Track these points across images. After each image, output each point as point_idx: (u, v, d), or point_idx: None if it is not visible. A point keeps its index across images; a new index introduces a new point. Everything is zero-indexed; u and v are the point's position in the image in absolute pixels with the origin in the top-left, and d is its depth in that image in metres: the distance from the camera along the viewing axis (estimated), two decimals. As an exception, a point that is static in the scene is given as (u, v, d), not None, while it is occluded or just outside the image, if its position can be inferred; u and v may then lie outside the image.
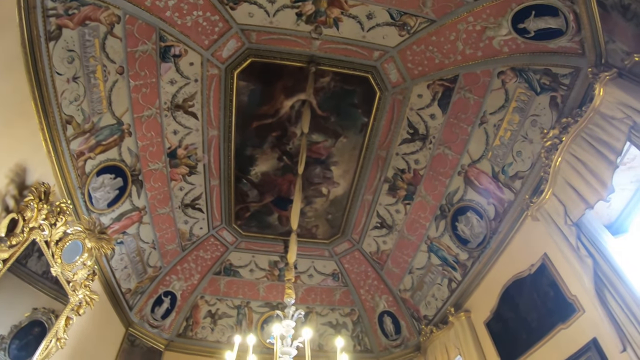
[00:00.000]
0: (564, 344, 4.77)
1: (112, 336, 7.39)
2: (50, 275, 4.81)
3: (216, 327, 8.66)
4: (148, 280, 7.76)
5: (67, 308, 5.17)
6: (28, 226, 4.24)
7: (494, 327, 6.11)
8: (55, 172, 4.85)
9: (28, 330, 4.71)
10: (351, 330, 8.91)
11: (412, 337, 8.36)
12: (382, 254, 8.30)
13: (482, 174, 6.13)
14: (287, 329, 4.41)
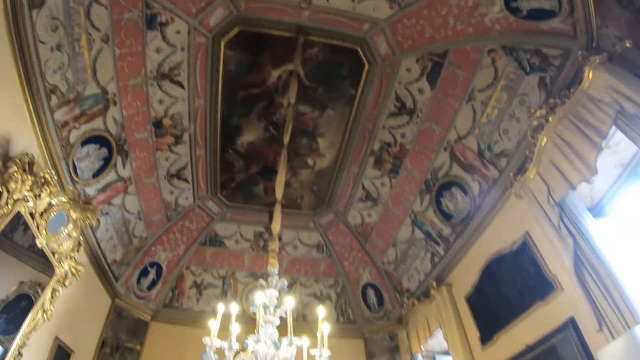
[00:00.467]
0: (542, 321, 4.89)
1: (99, 308, 7.41)
2: (37, 248, 4.78)
3: (202, 297, 8.75)
4: (134, 251, 7.75)
5: (53, 280, 5.16)
6: (13, 198, 4.17)
7: (475, 301, 6.26)
8: (40, 143, 4.74)
9: (15, 304, 4.70)
10: (335, 301, 9.07)
11: (395, 309, 8.55)
12: (366, 227, 8.39)
13: (468, 150, 6.16)
14: (271, 299, 4.44)
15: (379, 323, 8.76)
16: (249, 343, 4.12)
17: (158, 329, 8.32)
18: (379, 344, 8.68)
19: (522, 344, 5.15)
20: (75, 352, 6.39)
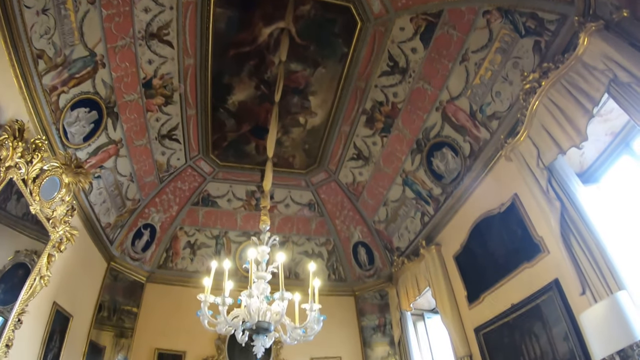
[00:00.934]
0: (527, 282, 5.05)
1: (95, 271, 7.50)
2: (31, 216, 4.79)
3: (195, 257, 8.88)
4: (127, 214, 7.78)
5: (48, 245, 5.18)
6: (4, 165, 4.15)
7: (463, 261, 6.43)
8: (29, 108, 4.66)
9: (12, 274, 4.73)
10: (326, 259, 9.26)
11: (385, 267, 8.77)
12: (357, 185, 8.47)
13: (460, 111, 6.16)
14: (262, 255, 4.58)
15: (369, 281, 9.01)
16: (242, 298, 4.24)
17: (153, 290, 8.48)
18: (369, 302, 8.95)
19: (508, 303, 5.35)
20: (73, 316, 6.51)
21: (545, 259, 4.83)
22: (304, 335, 4.50)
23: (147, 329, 8.08)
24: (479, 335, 5.89)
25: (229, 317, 4.22)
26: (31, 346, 5.48)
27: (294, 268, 8.99)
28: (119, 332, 7.78)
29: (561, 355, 4.46)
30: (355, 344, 8.66)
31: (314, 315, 4.32)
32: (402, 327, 7.58)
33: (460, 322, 6.28)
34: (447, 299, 6.50)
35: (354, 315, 8.93)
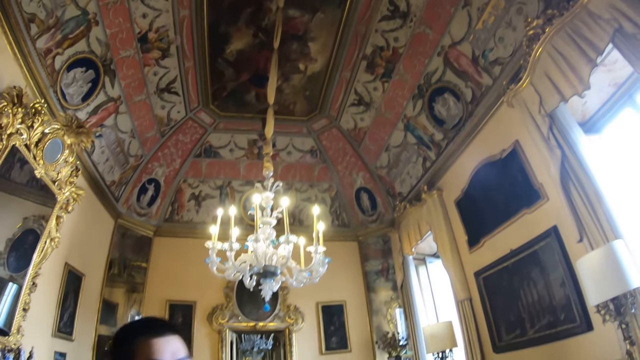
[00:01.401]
0: (526, 228, 5.14)
1: (103, 229, 7.67)
2: (35, 183, 4.85)
3: (201, 208, 9.03)
4: (131, 170, 7.83)
5: (56, 207, 5.28)
6: (6, 133, 4.17)
7: (464, 206, 6.50)
8: (25, 73, 4.61)
9: (23, 241, 4.84)
10: (329, 205, 9.39)
11: (387, 212, 8.90)
12: (359, 131, 8.45)
13: (462, 56, 6.04)
14: (267, 200, 4.66)
15: (372, 226, 9.18)
16: (248, 244, 4.38)
17: (161, 244, 8.72)
18: (373, 247, 9.18)
19: (507, 248, 5.47)
20: (85, 275, 6.74)
21: (545, 205, 4.89)
22: (310, 278, 4.65)
23: (157, 282, 8.39)
24: (478, 279, 6.08)
25: (236, 262, 4.35)
26: (47, 307, 5.72)
27: (298, 215, 9.15)
28: (130, 287, 8.08)
29: (557, 300, 4.62)
30: (359, 289, 8.97)
31: (318, 258, 4.44)
32: (404, 271, 7.78)
33: (461, 266, 6.45)
34: (448, 243, 6.63)
35: (358, 260, 9.20)
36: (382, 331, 8.50)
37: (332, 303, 8.81)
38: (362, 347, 8.53)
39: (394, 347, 8.10)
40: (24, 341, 4.82)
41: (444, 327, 6.29)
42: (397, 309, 8.52)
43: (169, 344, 1.18)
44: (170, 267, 8.51)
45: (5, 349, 4.48)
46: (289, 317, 8.59)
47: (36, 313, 5.18)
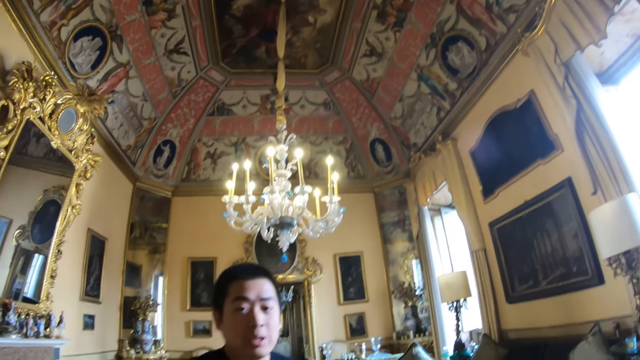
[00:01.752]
0: (541, 179, 5.09)
1: (122, 193, 7.88)
2: (52, 154, 4.97)
3: (217, 166, 9.16)
4: (145, 133, 7.91)
5: (74, 175, 5.42)
6: (19, 108, 4.24)
7: (478, 156, 6.44)
8: (32, 48, 4.63)
9: (45, 212, 5.01)
10: (345, 157, 9.40)
11: (402, 163, 8.89)
12: (372, 82, 8.31)
13: (475, 3, 5.80)
14: (281, 153, 4.70)
15: (387, 177, 9.21)
16: (264, 196, 4.47)
17: (180, 203, 8.94)
18: (389, 198, 9.24)
19: (521, 199, 5.45)
20: (108, 239, 7.01)
21: (560, 156, 4.83)
22: (326, 228, 4.72)
23: (178, 241, 8.66)
24: (493, 230, 6.11)
25: (253, 214, 4.45)
26: (74, 273, 6.00)
27: (314, 168, 9.20)
28: (152, 248, 8.36)
29: (570, 252, 4.65)
30: (376, 240, 9.14)
31: (333, 207, 4.48)
32: (420, 222, 7.85)
33: (476, 217, 6.47)
34: (462, 193, 6.63)
35: (374, 211, 9.32)
36: (398, 281, 8.70)
37: (349, 254, 9.01)
38: (379, 297, 8.79)
39: (410, 297, 8.31)
40: (53, 307, 5.08)
41: (459, 276, 6.39)
42: (413, 260, 8.68)
43: (256, 285, 1.35)
44: (190, 226, 8.74)
45: (36, 316, 4.72)
46: (308, 269, 8.82)
47: (63, 279, 5.44)
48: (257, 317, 1.30)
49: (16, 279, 4.56)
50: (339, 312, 8.70)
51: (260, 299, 1.34)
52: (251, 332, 1.29)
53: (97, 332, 6.58)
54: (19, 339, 4.26)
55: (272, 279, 1.43)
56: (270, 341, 1.33)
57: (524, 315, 5.59)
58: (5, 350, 4.05)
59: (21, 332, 4.38)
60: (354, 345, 8.11)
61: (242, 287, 1.34)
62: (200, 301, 8.50)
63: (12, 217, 4.47)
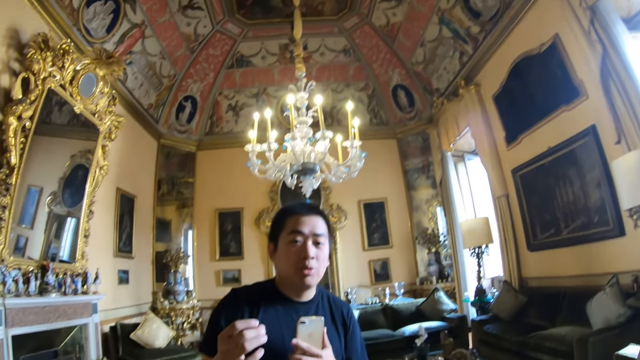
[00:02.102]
0: (565, 126, 4.99)
1: (147, 151, 8.08)
2: (76, 120, 5.09)
3: (239, 118, 9.20)
4: (166, 91, 7.95)
5: (99, 137, 5.58)
6: (40, 78, 4.33)
7: (502, 101, 6.29)
8: (46, 19, 4.66)
9: (74, 177, 5.21)
10: (367, 104, 9.28)
11: (425, 109, 8.73)
12: (392, 27, 8.05)
13: (496, -58, 5.54)
14: (301, 100, 4.69)
15: (410, 123, 9.10)
16: (286, 143, 4.53)
17: (205, 157, 9.10)
18: (412, 145, 9.17)
19: (544, 146, 5.38)
20: (137, 197, 7.28)
21: (584, 103, 4.71)
22: (348, 173, 4.77)
23: (205, 194, 8.89)
24: (515, 177, 6.07)
25: (276, 162, 4.55)
26: (106, 231, 6.31)
27: (335, 115, 9.16)
28: (180, 203, 8.63)
29: (592, 201, 4.63)
30: (399, 187, 9.17)
31: (355, 152, 4.50)
32: (443, 168, 7.82)
33: (499, 163, 6.42)
34: (485, 139, 6.55)
35: (398, 158, 9.29)
36: (422, 227, 8.80)
37: (374, 201, 9.10)
38: (403, 243, 8.94)
39: (433, 243, 8.43)
40: (89, 265, 5.40)
41: (481, 222, 6.43)
42: (437, 207, 8.72)
43: (310, 221, 1.43)
44: (216, 179, 8.94)
45: (73, 274, 5.03)
46: (332, 215, 8.95)
47: (97, 238, 5.74)
48: (309, 249, 1.39)
49: (51, 243, 4.82)
50: (364, 258, 8.90)
51: (313, 234, 1.42)
52: (302, 262, 1.38)
53: (132, 285, 6.99)
54: (59, 297, 4.57)
55: (326, 219, 1.50)
56: (318, 273, 1.42)
57: (544, 263, 5.66)
58: (46, 308, 4.36)
59: (60, 290, 4.69)
60: (378, 290, 8.33)
61: (298, 222, 1.42)
62: (228, 251, 8.84)
63: (43, 185, 4.67)
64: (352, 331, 1.53)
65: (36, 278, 4.34)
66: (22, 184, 4.18)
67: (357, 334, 1.55)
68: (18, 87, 4.10)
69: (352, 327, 1.54)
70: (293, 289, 1.45)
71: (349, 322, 1.53)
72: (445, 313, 6.45)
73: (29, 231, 4.46)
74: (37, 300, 4.23)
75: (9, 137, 3.99)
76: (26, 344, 4.26)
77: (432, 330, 5.41)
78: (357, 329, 1.56)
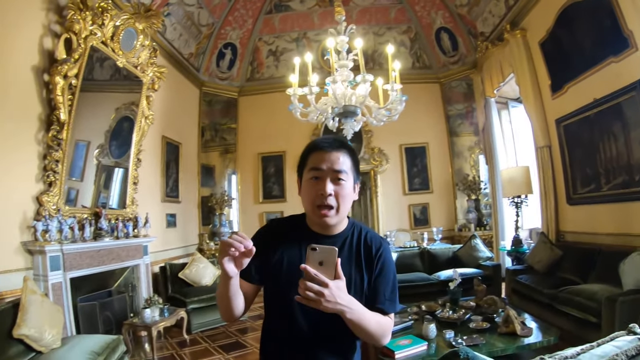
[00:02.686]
0: (612, 78, 4.75)
1: (190, 99, 8.29)
2: (118, 74, 5.27)
3: (279, 63, 9.18)
4: (205, 39, 7.99)
5: (143, 89, 5.79)
6: (81, 37, 4.47)
7: (548, 48, 5.99)
8: (81, -20, 4.74)
9: (119, 129, 5.47)
10: (409, 48, 9.00)
11: (469, 53, 8.39)
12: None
13: None
14: (341, 44, 4.69)
15: (453, 67, 8.81)
16: (327, 87, 4.61)
17: (246, 103, 9.25)
18: (455, 90, 8.94)
19: (590, 97, 5.15)
20: (182, 144, 7.58)
21: (633, 55, 4.44)
22: (389, 116, 4.83)
23: (247, 139, 9.13)
24: (559, 127, 5.89)
25: (317, 105, 4.64)
26: (154, 177, 6.69)
27: (377, 59, 8.98)
28: (223, 149, 8.93)
29: (635, 159, 4.48)
30: (441, 132, 9.05)
31: (395, 95, 4.53)
32: (486, 114, 7.65)
33: (543, 112, 6.22)
34: (530, 86, 6.31)
35: (440, 103, 9.11)
36: (462, 174, 8.75)
37: (415, 145, 9.05)
38: (443, 189, 8.95)
39: (473, 190, 8.37)
40: (139, 210, 5.79)
41: (522, 171, 6.33)
42: (479, 154, 8.59)
43: (331, 157, 1.39)
44: (258, 123, 9.13)
45: (124, 219, 5.41)
46: (374, 159, 9.01)
47: (145, 184, 6.12)
48: (326, 186, 1.36)
49: (100, 193, 5.17)
50: (404, 202, 9.00)
51: (332, 170, 1.38)
52: (320, 200, 1.36)
53: (179, 228, 7.44)
54: (112, 241, 4.98)
55: (350, 153, 1.45)
56: (339, 212, 1.38)
57: (582, 218, 5.59)
58: (101, 252, 4.77)
59: (113, 235, 5.10)
60: (416, 234, 8.42)
61: (318, 158, 1.39)
62: (271, 193, 9.15)
63: (90, 139, 4.95)
64: (379, 270, 1.45)
65: (90, 224, 4.73)
66: (71, 140, 4.43)
67: (386, 274, 1.46)
68: (61, 48, 4.28)
69: (380, 265, 1.45)
70: (316, 225, 1.45)
71: (376, 259, 1.45)
72: (480, 260, 6.51)
73: (79, 183, 4.78)
74: (92, 245, 4.61)
75: (57, 95, 4.20)
76: (83, 286, 4.71)
77: (466, 277, 5.49)
78: (387, 269, 1.47)
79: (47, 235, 4.03)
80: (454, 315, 3.89)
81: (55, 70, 4.19)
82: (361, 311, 1.29)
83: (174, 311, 5.13)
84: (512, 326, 3.39)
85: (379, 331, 1.37)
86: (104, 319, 4.83)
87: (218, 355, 4.75)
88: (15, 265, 3.79)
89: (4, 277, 3.62)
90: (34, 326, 3.08)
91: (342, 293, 1.19)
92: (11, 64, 3.84)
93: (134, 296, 5.55)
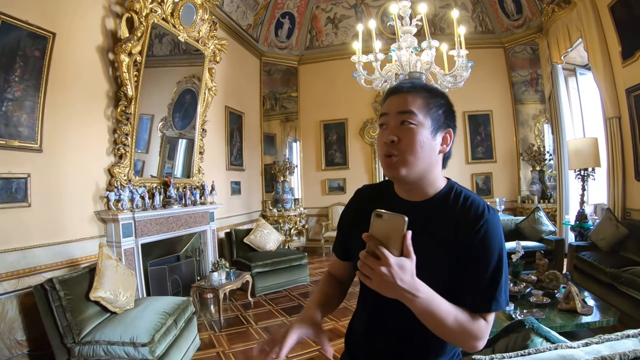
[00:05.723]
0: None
1: (251, 70, 8.46)
2: (177, 49, 5.47)
3: (338, 30, 9.10)
4: (262, 10, 8.06)
5: (205, 61, 6.02)
6: (142, 16, 4.67)
7: (618, 11, 5.56)
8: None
9: (182, 101, 5.73)
10: (471, 11, 8.59)
11: (534, 17, 7.89)
12: None
13: None
14: (404, 9, 4.61)
15: (518, 32, 8.32)
16: (392, 53, 4.60)
17: (307, 71, 9.33)
18: (520, 56, 8.48)
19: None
20: (244, 113, 7.88)
21: None
22: (454, 82, 4.76)
23: (308, 107, 9.26)
24: (630, 97, 5.53)
25: (382, 71, 4.66)
26: (218, 147, 7.02)
27: (438, 23, 8.68)
28: (284, 117, 9.13)
29: None
30: (506, 99, 8.68)
31: (461, 61, 4.49)
32: (552, 81, 7.28)
33: (612, 80, 5.84)
34: (599, 52, 5.93)
35: (504, 69, 8.68)
36: (527, 144, 8.40)
37: (478, 112, 8.76)
38: (507, 159, 8.67)
39: (538, 161, 8.02)
40: (205, 179, 6.12)
41: (589, 143, 6.02)
42: (545, 123, 8.20)
43: (399, 98, 1.19)
44: (318, 91, 9.21)
45: (191, 187, 5.72)
46: (437, 127, 8.81)
47: (210, 153, 6.46)
48: (386, 132, 1.19)
49: (165, 164, 5.47)
50: (467, 171, 8.83)
51: (398, 112, 1.18)
52: (382, 149, 1.19)
53: (243, 196, 7.78)
54: (180, 208, 5.31)
55: (426, 93, 1.22)
56: (404, 161, 1.14)
57: (651, 196, 5.28)
58: (169, 219, 5.11)
59: (181, 202, 5.41)
60: (479, 204, 8.21)
61: (386, 104, 1.23)
62: (334, 161, 9.30)
63: (154, 112, 5.22)
64: (476, 249, 1.12)
65: (160, 193, 5.07)
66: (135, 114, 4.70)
67: (484, 257, 1.12)
68: (124, 27, 4.50)
69: (477, 243, 1.12)
70: (398, 186, 1.27)
71: (474, 235, 1.12)
72: (543, 234, 6.34)
73: (145, 155, 5.10)
74: (161, 212, 4.95)
75: (123, 72, 4.46)
76: (153, 251, 5.07)
77: (528, 250, 5.42)
78: (487, 250, 1.12)
79: (120, 204, 4.36)
80: (515, 288, 3.90)
81: (120, 49, 4.42)
82: (433, 302, 1.03)
83: (240, 275, 5.40)
84: (573, 303, 3.36)
85: (459, 332, 1.08)
86: (172, 282, 5.21)
87: (281, 318, 5.01)
88: (90, 233, 4.16)
89: (80, 245, 3.98)
90: (109, 289, 3.38)
91: (405, 274, 0.95)
92: (77, 46, 4.09)
93: (200, 260, 5.90)
